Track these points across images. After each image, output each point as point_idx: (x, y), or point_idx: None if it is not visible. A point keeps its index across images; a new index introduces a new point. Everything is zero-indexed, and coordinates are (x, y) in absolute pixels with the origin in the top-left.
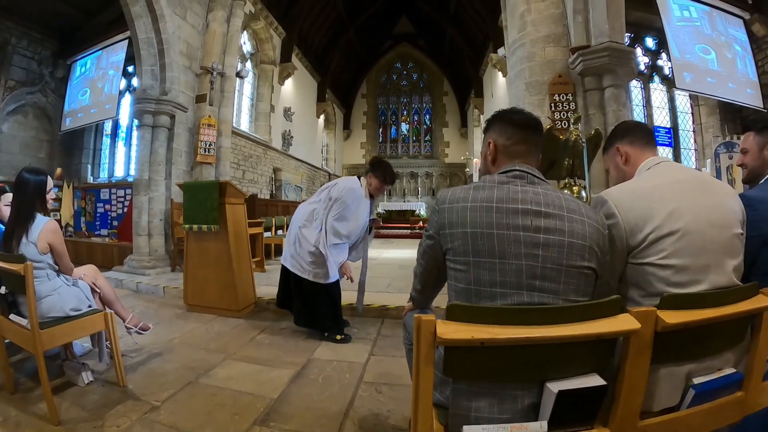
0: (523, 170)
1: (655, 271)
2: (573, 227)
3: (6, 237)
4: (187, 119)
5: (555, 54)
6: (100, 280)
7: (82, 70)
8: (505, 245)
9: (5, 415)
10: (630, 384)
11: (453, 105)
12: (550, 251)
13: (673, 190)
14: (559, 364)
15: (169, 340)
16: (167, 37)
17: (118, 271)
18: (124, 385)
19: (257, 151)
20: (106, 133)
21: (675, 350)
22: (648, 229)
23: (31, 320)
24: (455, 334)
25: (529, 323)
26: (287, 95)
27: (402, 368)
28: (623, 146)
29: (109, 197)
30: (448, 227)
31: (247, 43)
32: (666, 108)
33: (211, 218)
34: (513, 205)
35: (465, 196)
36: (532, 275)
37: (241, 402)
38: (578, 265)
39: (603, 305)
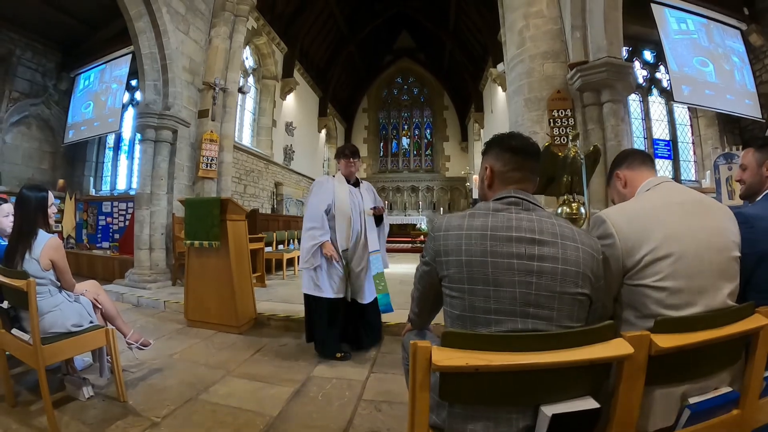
0: (518, 197)
1: (650, 293)
2: (566, 254)
3: (8, 253)
4: (189, 134)
5: (554, 70)
6: (101, 295)
7: (86, 83)
8: (499, 273)
9: (6, 428)
10: (624, 407)
11: (453, 119)
12: (544, 278)
13: (671, 212)
14: (553, 388)
15: (169, 355)
16: (170, 53)
17: (119, 284)
18: (125, 401)
19: (259, 166)
20: (109, 146)
21: (670, 372)
22: (644, 251)
23: (34, 336)
24: (450, 361)
25: (523, 349)
26: (289, 110)
27: (401, 386)
28: (621, 171)
29: (111, 210)
30: (443, 255)
31: (250, 58)
32: (665, 120)
33: (212, 235)
34: (507, 233)
35: (460, 224)
36: (526, 302)
37: (241, 419)
38: (572, 291)
39: (596, 331)
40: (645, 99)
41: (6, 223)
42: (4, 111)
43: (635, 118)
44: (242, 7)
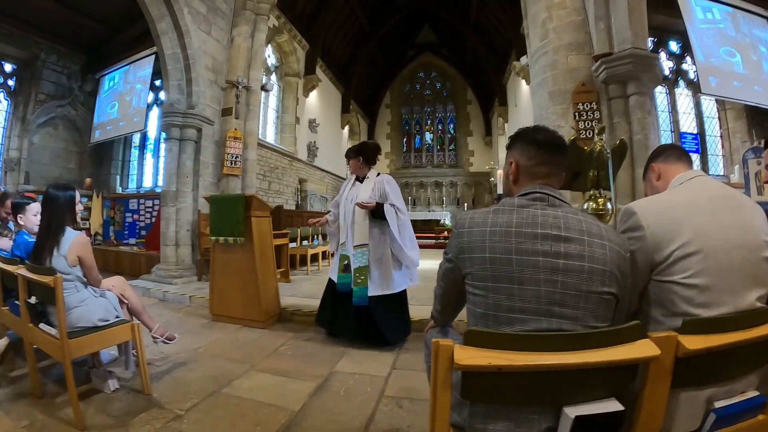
0: (544, 192)
1: (678, 290)
2: (593, 252)
3: (37, 250)
4: (213, 132)
5: (578, 62)
6: (127, 291)
7: (111, 84)
8: (524, 271)
9: (32, 419)
10: (648, 410)
11: (477, 113)
12: (570, 277)
13: (702, 207)
14: (576, 389)
15: (194, 349)
16: (193, 53)
17: (145, 279)
18: (149, 394)
19: (283, 163)
20: (135, 145)
21: (696, 374)
22: (674, 246)
23: (61, 330)
24: (472, 360)
25: (547, 349)
26: (312, 107)
27: (423, 383)
28: (657, 164)
29: (137, 207)
30: (467, 252)
31: (272, 56)
32: (692, 113)
33: (237, 231)
34: (532, 230)
35: (484, 221)
36: (551, 301)
37: (263, 413)
38: (598, 290)
39: (622, 331)
40: (671, 91)
41: (35, 221)
42: (31, 113)
43: (662, 111)
44: (263, 6)
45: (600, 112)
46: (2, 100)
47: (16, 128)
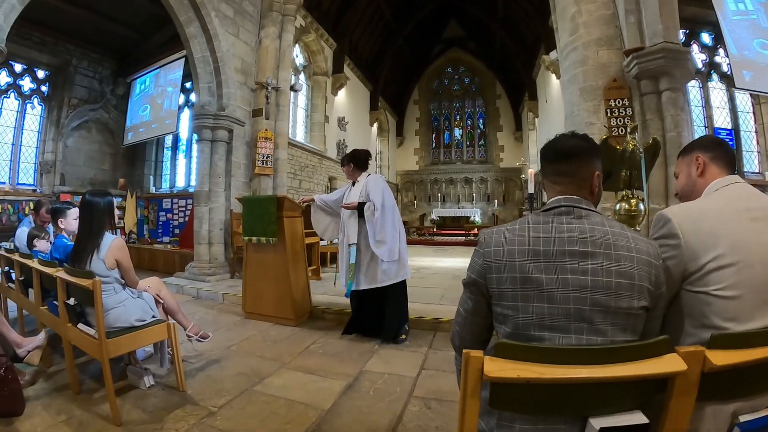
0: (568, 205)
1: (710, 301)
2: (621, 266)
3: (76, 253)
4: (244, 133)
5: (609, 57)
6: (163, 291)
7: (142, 88)
8: (553, 289)
9: (70, 414)
10: (673, 423)
11: (507, 108)
12: (598, 294)
13: (740, 217)
14: (602, 401)
15: (227, 347)
16: (222, 55)
17: (179, 277)
18: (184, 390)
19: (313, 161)
20: (167, 146)
21: (722, 388)
22: (709, 256)
23: (99, 331)
24: (502, 372)
25: (575, 363)
26: (341, 105)
27: (452, 384)
28: (703, 157)
29: (170, 206)
30: (495, 272)
31: (300, 56)
32: (726, 108)
33: (269, 231)
34: (560, 248)
35: (511, 239)
36: (580, 318)
37: (294, 411)
38: (626, 306)
39: (650, 346)
40: (704, 85)
41: (75, 225)
42: (64, 117)
43: (695, 106)
44: (289, 7)
45: (632, 109)
46: (36, 105)
47: (51, 132)
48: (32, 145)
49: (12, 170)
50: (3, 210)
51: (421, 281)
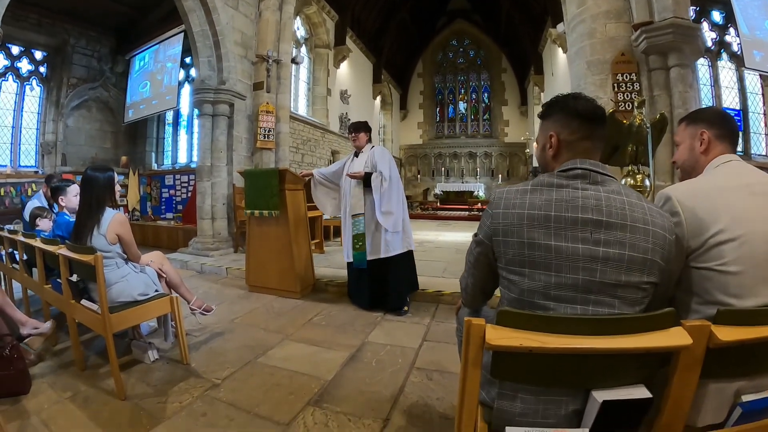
0: (586, 168)
1: (713, 276)
2: (635, 240)
3: (77, 229)
4: (245, 107)
5: (617, 31)
6: (166, 265)
7: (141, 64)
8: (562, 258)
9: (75, 390)
10: (676, 399)
11: (512, 82)
12: (609, 266)
13: (740, 193)
14: (606, 373)
15: (230, 320)
16: (221, 29)
17: (183, 252)
18: (187, 363)
19: (315, 135)
20: (168, 122)
21: (726, 366)
22: (710, 232)
23: (102, 306)
24: (504, 341)
25: (579, 333)
26: (343, 78)
27: (454, 356)
28: (709, 133)
29: (173, 183)
30: (502, 235)
31: (301, 29)
32: (735, 88)
33: (271, 204)
34: (572, 214)
35: (522, 201)
36: (587, 290)
37: (297, 382)
38: (636, 281)
39: (656, 318)
40: (714, 64)
41: (75, 201)
42: (64, 97)
43: (703, 85)
44: None
45: (640, 84)
46: (35, 86)
47: (51, 113)
48: (32, 126)
49: (13, 153)
50: (5, 193)
51: (424, 255)
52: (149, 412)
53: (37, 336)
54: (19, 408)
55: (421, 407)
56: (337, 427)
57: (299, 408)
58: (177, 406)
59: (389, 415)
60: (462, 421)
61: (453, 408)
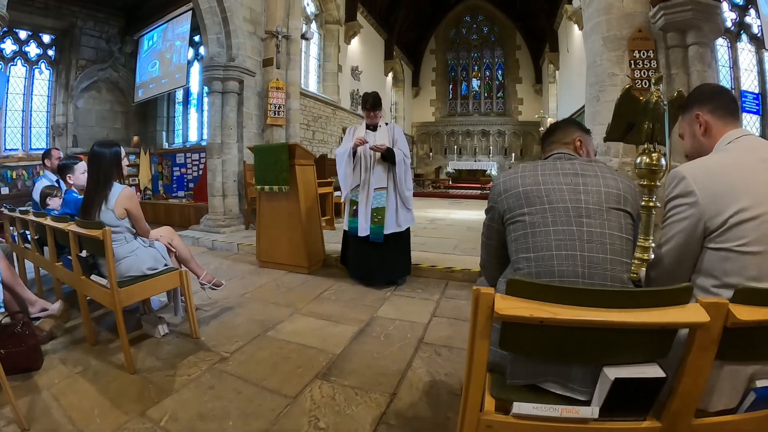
0: (560, 152)
1: (732, 257)
2: (607, 181)
3: (86, 205)
4: (255, 83)
5: (634, 6)
6: (175, 240)
7: (150, 44)
8: (552, 194)
9: (86, 365)
10: (690, 380)
11: (527, 60)
12: (591, 195)
13: (756, 169)
14: (619, 349)
15: (240, 294)
16: (230, 5)
17: (194, 229)
18: (197, 337)
19: (326, 112)
20: (178, 101)
21: (742, 348)
22: (729, 212)
23: (111, 280)
24: (514, 311)
25: (592, 305)
26: (354, 54)
27: (463, 332)
28: (704, 114)
29: (184, 161)
30: (503, 193)
31: (311, 5)
32: (755, 71)
33: (281, 179)
34: (554, 171)
35: (515, 171)
36: (578, 213)
37: (305, 356)
38: (616, 207)
39: (672, 292)
40: (733, 45)
41: (83, 179)
42: (73, 79)
43: (722, 66)
44: None
45: (657, 62)
46: (44, 70)
47: (60, 95)
48: (42, 110)
49: (24, 136)
50: (18, 176)
51: (435, 232)
52: (158, 385)
53: (46, 318)
54: (30, 384)
55: (428, 383)
56: (344, 400)
57: (307, 381)
58: (185, 379)
59: (396, 390)
60: (469, 395)
61: (461, 384)
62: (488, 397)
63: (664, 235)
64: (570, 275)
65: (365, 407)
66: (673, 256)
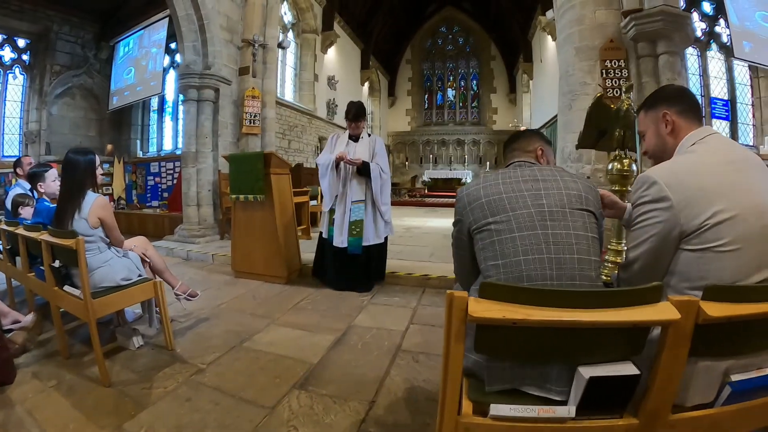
0: (520, 160)
1: (710, 257)
2: (567, 184)
3: (59, 214)
4: (231, 92)
5: (606, 17)
6: (149, 250)
7: (126, 50)
8: (514, 201)
9: (60, 379)
10: (664, 376)
11: (501, 70)
12: (552, 199)
13: (726, 170)
14: (593, 348)
15: (216, 305)
16: (207, 13)
17: (169, 240)
18: (173, 349)
19: (302, 121)
20: (153, 109)
21: (714, 344)
22: (706, 215)
23: (84, 291)
24: (487, 313)
25: (564, 306)
26: (330, 64)
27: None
28: (671, 114)
29: (158, 170)
30: (468, 205)
31: (288, 13)
32: (724, 78)
33: (256, 188)
34: (515, 178)
35: (477, 182)
36: (542, 217)
37: (282, 366)
38: (578, 207)
39: (643, 292)
40: (703, 54)
41: (54, 187)
42: (47, 85)
43: (692, 74)
44: None
45: (628, 71)
46: (18, 75)
47: (34, 101)
48: (15, 116)
49: None
50: None
51: (411, 240)
52: (134, 398)
53: (19, 330)
54: (3, 398)
55: (407, 389)
56: (323, 409)
57: (285, 391)
58: (162, 392)
59: (375, 397)
60: (446, 398)
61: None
62: (466, 400)
63: (635, 238)
64: (539, 278)
65: (344, 416)
66: (645, 259)
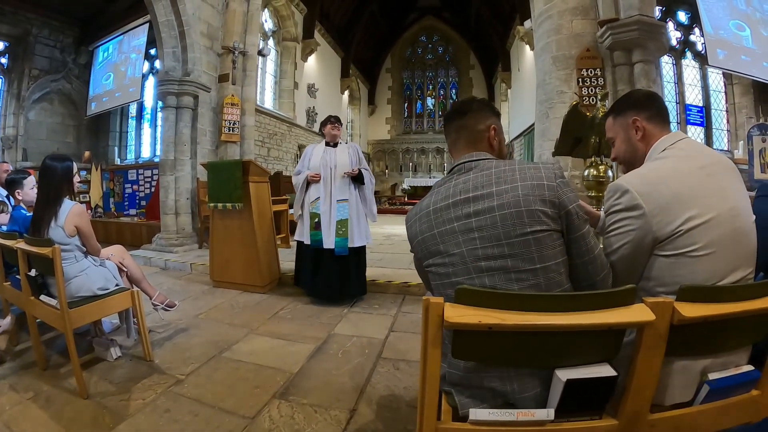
0: (459, 162)
1: (684, 263)
2: (502, 200)
3: (35, 222)
4: (210, 99)
5: (583, 27)
6: (127, 259)
7: (105, 55)
8: (446, 240)
9: (37, 390)
10: (642, 377)
11: (480, 79)
12: (485, 231)
13: (697, 175)
14: (569, 352)
15: (195, 315)
16: (187, 19)
17: (146, 249)
18: (151, 360)
19: (282, 129)
20: (132, 116)
21: (691, 344)
22: (679, 221)
23: (61, 300)
24: (463, 318)
25: (539, 310)
26: (311, 72)
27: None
28: (641, 120)
29: (136, 178)
30: (411, 241)
31: (269, 21)
32: (698, 86)
33: (235, 197)
34: (444, 202)
35: (419, 208)
36: (476, 258)
37: (262, 375)
38: (519, 232)
39: (617, 294)
40: (678, 62)
41: (32, 194)
42: (25, 89)
43: (667, 82)
44: None
45: (604, 79)
46: None
47: (11, 106)
48: None
49: None
50: None
51: (391, 247)
52: (112, 410)
53: (1, 335)
54: None
55: (388, 397)
56: (304, 419)
57: (265, 401)
58: (140, 404)
59: (356, 406)
60: (425, 404)
61: None
62: (445, 405)
63: (608, 245)
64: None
65: (325, 425)
66: (619, 266)
